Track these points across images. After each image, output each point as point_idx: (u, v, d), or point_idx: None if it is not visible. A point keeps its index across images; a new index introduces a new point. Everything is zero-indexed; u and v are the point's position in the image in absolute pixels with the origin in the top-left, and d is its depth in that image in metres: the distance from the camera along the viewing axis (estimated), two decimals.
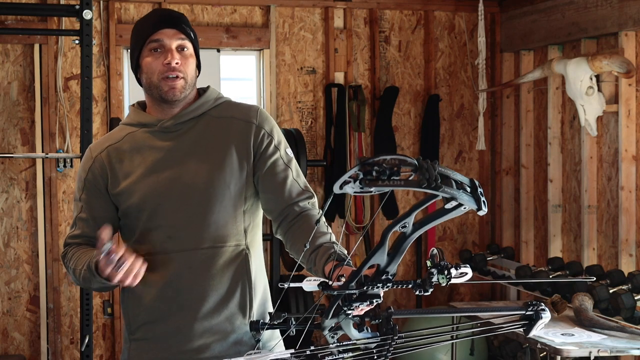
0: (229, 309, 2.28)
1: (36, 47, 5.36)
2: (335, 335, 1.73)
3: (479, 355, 5.47)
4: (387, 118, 5.91)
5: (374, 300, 1.68)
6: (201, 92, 2.41)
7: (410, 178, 1.47)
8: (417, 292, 1.66)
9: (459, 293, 6.23)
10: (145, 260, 2.19)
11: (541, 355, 4.36)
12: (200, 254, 2.26)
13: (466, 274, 1.68)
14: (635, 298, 4.21)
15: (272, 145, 2.34)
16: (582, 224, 5.21)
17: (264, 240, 2.47)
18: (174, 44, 2.27)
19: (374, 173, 1.46)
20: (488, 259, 5.70)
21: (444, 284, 1.65)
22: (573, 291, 4.39)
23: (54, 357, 5.44)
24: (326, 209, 1.72)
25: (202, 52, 2.41)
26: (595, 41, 5.15)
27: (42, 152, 5.32)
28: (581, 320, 4.13)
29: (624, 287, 4.34)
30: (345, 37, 5.93)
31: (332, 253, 2.07)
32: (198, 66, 2.36)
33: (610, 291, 4.33)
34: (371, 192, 1.48)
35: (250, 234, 2.33)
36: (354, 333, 1.72)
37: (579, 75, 4.83)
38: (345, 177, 1.49)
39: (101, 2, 5.48)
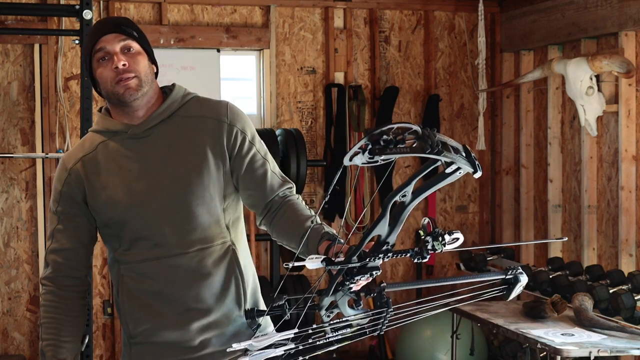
0: (226, 305, 2.30)
1: (36, 47, 5.36)
2: (330, 315, 1.76)
3: (479, 355, 5.47)
4: (387, 118, 5.91)
5: (374, 273, 1.73)
6: (167, 90, 2.37)
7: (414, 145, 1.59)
8: (415, 260, 1.73)
9: (459, 294, 6.22)
10: (138, 267, 2.27)
11: (541, 355, 4.36)
12: (190, 257, 2.27)
13: (458, 238, 1.77)
14: (635, 298, 4.20)
15: (247, 142, 2.34)
16: (582, 224, 5.21)
17: (262, 240, 2.50)
18: (117, 47, 2.25)
19: (382, 142, 1.55)
20: (488, 259, 5.70)
21: (439, 250, 1.73)
22: (573, 291, 4.39)
23: None
24: (331, 187, 1.75)
25: (202, 53, 2.40)
26: (595, 41, 5.15)
27: (42, 152, 5.32)
28: (581, 320, 4.13)
29: (624, 287, 4.34)
30: (345, 37, 5.93)
31: (324, 233, 2.12)
32: (153, 62, 2.34)
33: (610, 291, 4.32)
34: (377, 162, 1.59)
35: (233, 228, 2.34)
36: (348, 311, 1.77)
37: (579, 75, 4.83)
38: (355, 149, 1.56)
39: (101, 2, 5.48)
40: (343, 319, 1.75)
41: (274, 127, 5.75)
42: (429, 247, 1.71)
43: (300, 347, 1.66)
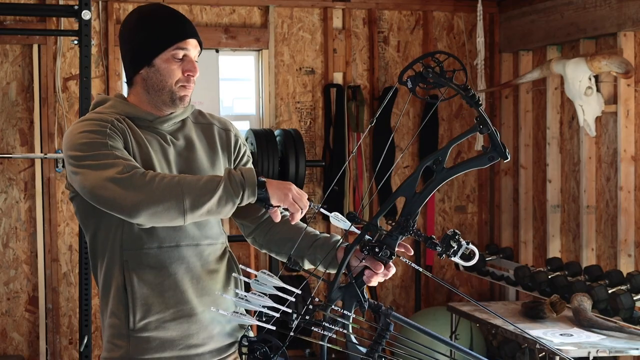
0: (226, 302, 2.31)
1: (35, 47, 5.36)
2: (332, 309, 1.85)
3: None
4: (385, 118, 5.91)
5: (389, 252, 1.85)
6: None
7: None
8: (440, 256, 1.86)
9: (458, 294, 6.23)
10: (154, 252, 2.24)
11: (540, 355, 4.36)
12: (202, 249, 2.31)
13: (474, 253, 1.86)
14: (634, 298, 4.21)
15: (247, 155, 2.47)
16: (581, 224, 5.21)
17: None
18: (195, 56, 2.31)
19: (431, 73, 1.70)
20: (487, 259, 5.70)
21: (457, 257, 1.82)
22: (572, 291, 4.40)
23: (53, 357, 5.44)
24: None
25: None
26: (594, 41, 5.15)
27: (41, 152, 5.32)
28: (580, 321, 4.13)
29: (623, 287, 4.34)
30: (344, 38, 5.93)
31: (337, 241, 2.22)
32: None
33: (609, 291, 4.33)
34: (413, 90, 1.79)
35: (225, 235, 2.43)
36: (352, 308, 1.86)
37: (577, 76, 4.83)
38: (410, 66, 1.68)
39: (100, 2, 5.47)
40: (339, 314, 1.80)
41: (273, 127, 5.75)
42: (454, 250, 1.82)
43: (293, 321, 1.73)
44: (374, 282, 2.03)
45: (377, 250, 1.90)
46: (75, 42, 4.72)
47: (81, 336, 4.77)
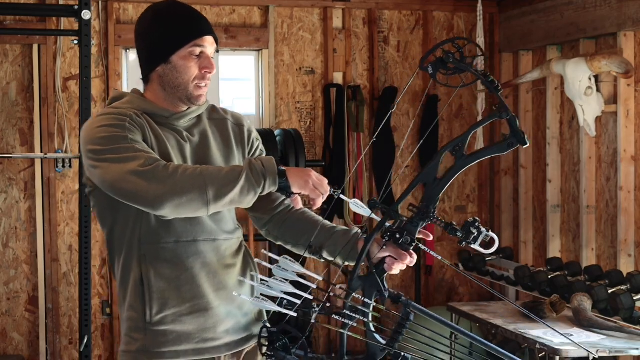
0: (243, 292, 2.35)
1: (35, 47, 5.36)
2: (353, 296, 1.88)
3: (478, 355, 5.47)
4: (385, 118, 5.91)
5: (410, 239, 1.88)
6: None
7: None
8: (461, 244, 1.88)
9: (458, 294, 6.23)
10: (172, 247, 2.25)
11: (540, 355, 4.36)
12: (219, 244, 2.33)
13: (494, 240, 1.87)
14: (634, 298, 4.21)
15: (260, 149, 2.50)
16: (581, 224, 5.21)
17: (262, 240, 2.56)
18: (212, 53, 2.32)
19: (452, 58, 1.73)
20: (487, 259, 5.70)
21: (477, 244, 1.85)
22: (572, 291, 4.40)
23: (53, 357, 5.44)
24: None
25: None
26: (594, 41, 5.15)
27: (41, 152, 5.32)
28: (580, 321, 4.13)
29: (623, 287, 4.34)
30: (344, 38, 5.93)
31: (355, 234, 2.23)
32: None
33: (609, 291, 4.32)
34: (434, 76, 1.81)
35: (241, 230, 2.45)
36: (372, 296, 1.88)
37: (577, 76, 4.83)
38: (431, 52, 1.72)
39: (100, 2, 5.47)
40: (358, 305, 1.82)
41: (273, 127, 5.75)
42: (474, 237, 1.85)
43: (314, 308, 1.74)
44: (395, 270, 2.04)
45: (397, 236, 1.91)
46: (75, 42, 4.72)
47: (81, 336, 4.77)
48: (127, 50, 5.57)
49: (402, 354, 1.81)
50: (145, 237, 2.26)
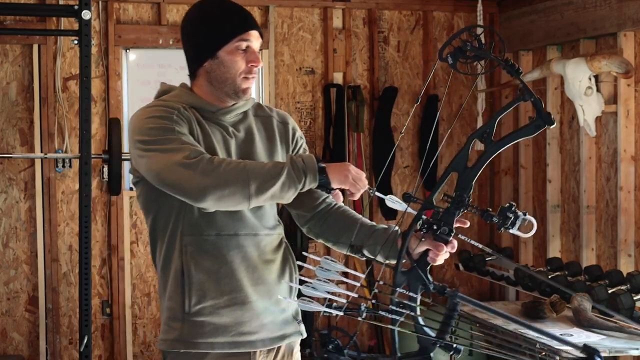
0: (280, 293, 2.40)
1: (35, 47, 5.36)
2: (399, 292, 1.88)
3: (478, 355, 5.47)
4: (385, 118, 5.91)
5: (448, 229, 1.93)
6: None
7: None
8: (500, 230, 1.90)
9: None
10: (213, 240, 2.29)
11: (540, 355, 4.36)
12: (260, 239, 2.36)
13: (532, 223, 1.91)
14: (634, 298, 4.21)
15: (303, 147, 2.54)
16: (581, 224, 5.21)
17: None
18: (257, 47, 2.38)
19: (470, 46, 1.74)
20: (487, 259, 5.70)
21: (515, 228, 1.88)
22: (572, 291, 4.39)
23: (53, 357, 5.44)
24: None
25: None
26: (594, 41, 5.15)
27: (41, 152, 5.32)
28: (580, 321, 4.13)
29: (623, 287, 4.34)
30: (344, 38, 5.93)
31: (395, 231, 2.26)
32: None
33: (609, 291, 4.32)
34: (454, 66, 1.83)
35: (281, 226, 2.48)
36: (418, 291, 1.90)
37: (577, 76, 4.83)
38: (449, 42, 1.74)
39: (100, 2, 5.47)
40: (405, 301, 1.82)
41: None
42: (511, 222, 1.86)
43: (362, 307, 1.75)
44: (439, 261, 2.07)
45: (435, 227, 1.92)
46: (75, 42, 4.72)
47: (81, 336, 4.77)
48: (127, 50, 5.57)
49: (454, 345, 1.81)
50: (187, 229, 2.31)
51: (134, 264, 5.59)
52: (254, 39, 2.36)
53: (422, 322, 1.86)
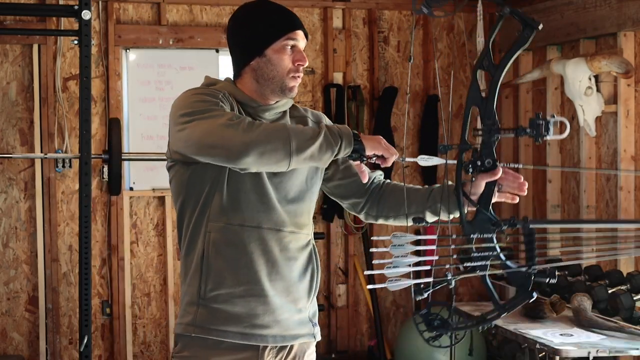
0: (298, 291, 2.42)
1: (35, 47, 5.36)
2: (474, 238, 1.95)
3: (478, 356, 5.47)
4: (385, 118, 5.91)
5: (492, 160, 1.99)
6: None
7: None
8: (538, 142, 1.92)
9: (458, 294, 6.23)
10: (236, 229, 2.33)
11: (540, 355, 4.36)
12: (283, 235, 2.39)
13: (565, 123, 1.91)
14: (634, 298, 4.21)
15: None
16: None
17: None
18: (303, 47, 2.43)
19: None
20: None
21: (550, 133, 1.88)
22: (572, 291, 4.40)
23: (53, 357, 5.44)
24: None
25: (201, 53, 2.48)
26: (594, 41, 5.15)
27: (41, 152, 5.32)
28: (580, 321, 4.13)
29: (623, 287, 4.34)
30: (344, 38, 5.93)
31: (451, 185, 2.31)
32: None
33: (609, 291, 4.33)
34: (431, 12, 1.91)
35: (311, 224, 2.53)
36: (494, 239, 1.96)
37: (577, 76, 4.83)
38: None
39: (100, 2, 5.47)
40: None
41: None
42: (544, 127, 1.87)
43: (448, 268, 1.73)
44: (508, 191, 2.26)
45: (479, 163, 1.95)
46: (75, 42, 4.72)
47: (81, 336, 4.77)
48: (127, 50, 5.57)
49: (547, 268, 1.83)
50: (213, 215, 2.34)
51: (134, 264, 5.59)
52: (300, 39, 2.41)
53: (504, 258, 1.88)
